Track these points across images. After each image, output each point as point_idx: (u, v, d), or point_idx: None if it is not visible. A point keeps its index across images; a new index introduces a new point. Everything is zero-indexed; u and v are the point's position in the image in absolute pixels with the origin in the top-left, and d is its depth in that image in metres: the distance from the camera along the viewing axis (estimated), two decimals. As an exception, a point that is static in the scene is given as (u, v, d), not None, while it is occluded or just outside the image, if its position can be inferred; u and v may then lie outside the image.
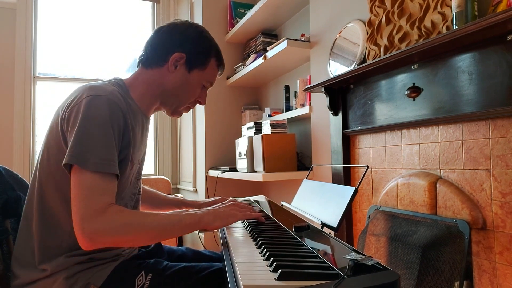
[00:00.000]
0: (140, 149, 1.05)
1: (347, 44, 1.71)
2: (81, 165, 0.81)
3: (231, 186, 2.83)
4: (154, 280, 0.93)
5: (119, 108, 0.90)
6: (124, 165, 0.93)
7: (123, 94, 0.97)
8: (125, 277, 0.93)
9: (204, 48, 1.06)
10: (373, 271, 0.60)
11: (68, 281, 0.88)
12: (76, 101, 0.88)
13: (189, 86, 1.06)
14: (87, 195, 0.80)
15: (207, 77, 1.08)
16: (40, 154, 0.95)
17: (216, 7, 2.92)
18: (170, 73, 1.03)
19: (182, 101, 1.09)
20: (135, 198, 1.07)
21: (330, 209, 1.08)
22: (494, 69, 1.06)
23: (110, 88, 0.92)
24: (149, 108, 1.07)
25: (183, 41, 1.03)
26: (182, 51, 1.02)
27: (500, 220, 1.07)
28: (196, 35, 1.05)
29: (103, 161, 0.83)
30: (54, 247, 0.90)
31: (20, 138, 3.08)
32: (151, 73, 1.04)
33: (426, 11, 1.30)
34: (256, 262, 0.69)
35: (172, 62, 1.02)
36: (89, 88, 0.90)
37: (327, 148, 1.88)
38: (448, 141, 1.24)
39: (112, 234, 0.79)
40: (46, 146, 0.93)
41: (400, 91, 1.40)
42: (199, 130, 2.96)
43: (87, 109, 0.85)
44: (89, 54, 3.46)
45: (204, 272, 0.96)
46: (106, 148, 0.84)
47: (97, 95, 0.87)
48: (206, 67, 1.07)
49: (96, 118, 0.85)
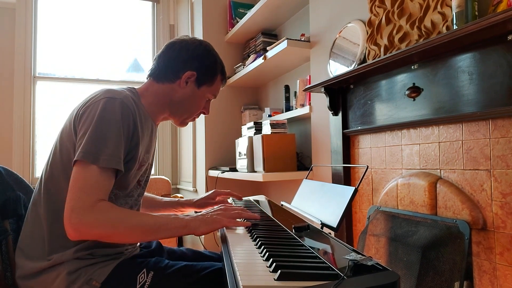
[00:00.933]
0: (149, 152, 1.11)
1: (347, 44, 1.71)
2: (92, 161, 0.87)
3: (231, 186, 2.83)
4: (155, 277, 0.95)
5: (130, 111, 0.97)
6: (132, 163, 0.99)
7: (136, 100, 1.05)
8: (127, 275, 0.95)
9: (212, 66, 1.14)
10: (373, 272, 0.60)
11: (71, 276, 0.90)
12: (92, 101, 0.95)
13: (196, 100, 1.15)
14: (81, 187, 0.85)
15: (213, 91, 1.17)
16: (52, 149, 1.00)
17: (216, 7, 2.92)
18: (181, 88, 1.12)
19: (190, 113, 1.17)
20: (141, 199, 1.13)
21: (330, 209, 1.08)
22: (494, 69, 1.06)
23: (124, 93, 1.00)
24: (158, 116, 1.14)
25: (194, 59, 1.11)
26: (194, 69, 1.11)
27: (501, 221, 1.07)
28: (205, 53, 1.13)
29: (111, 157, 0.90)
30: (62, 237, 0.91)
31: (20, 138, 3.08)
32: (162, 87, 1.11)
33: (426, 11, 1.30)
34: (255, 263, 0.69)
35: (184, 79, 1.10)
36: (106, 91, 0.98)
37: (327, 148, 1.87)
38: (448, 141, 1.24)
39: (97, 227, 0.84)
40: (60, 141, 0.98)
41: (400, 91, 1.40)
42: (199, 130, 2.96)
43: (103, 110, 0.92)
44: (89, 54, 3.46)
45: (205, 271, 0.98)
46: (115, 145, 0.91)
47: (112, 98, 0.95)
48: (214, 83, 1.16)
49: (109, 119, 0.92)
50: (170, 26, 3.69)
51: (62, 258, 0.91)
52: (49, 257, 0.92)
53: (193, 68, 1.10)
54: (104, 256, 0.96)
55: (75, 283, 0.90)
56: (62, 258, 0.91)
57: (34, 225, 0.96)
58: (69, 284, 0.89)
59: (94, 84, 3.43)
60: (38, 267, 0.92)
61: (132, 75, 3.66)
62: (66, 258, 0.91)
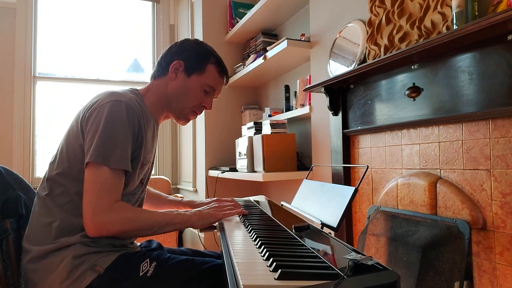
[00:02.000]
0: (151, 151, 1.15)
1: (347, 44, 1.71)
2: (104, 163, 0.93)
3: (231, 186, 2.83)
4: (158, 268, 0.97)
5: (135, 112, 1.02)
6: (135, 163, 1.04)
7: (139, 102, 1.09)
8: (130, 262, 0.98)
9: (200, 54, 1.16)
10: (373, 271, 0.60)
11: (76, 260, 0.93)
12: (97, 104, 0.99)
13: (189, 90, 1.15)
14: (100, 189, 0.93)
15: (206, 82, 1.16)
16: (59, 149, 1.04)
17: (216, 7, 2.92)
18: (172, 80, 1.15)
19: (184, 105, 1.17)
20: (142, 196, 1.18)
21: (330, 209, 1.08)
22: (494, 69, 1.06)
23: (128, 95, 1.04)
24: (159, 115, 1.18)
25: (181, 50, 1.16)
26: (180, 59, 1.14)
27: (500, 220, 1.07)
28: (192, 43, 1.18)
29: (121, 158, 0.96)
30: (70, 226, 0.97)
31: (20, 138, 3.07)
32: (157, 83, 1.16)
33: (426, 11, 1.30)
34: (256, 262, 0.69)
35: (172, 69, 1.14)
36: (111, 94, 1.02)
37: (327, 148, 1.87)
38: (448, 141, 1.24)
39: (117, 225, 0.93)
40: (66, 141, 1.02)
41: (400, 91, 1.40)
42: (199, 130, 2.96)
43: (109, 113, 0.97)
44: (89, 54, 3.46)
45: (206, 265, 1.00)
46: (123, 147, 0.97)
47: (117, 100, 0.99)
48: (204, 71, 1.15)
49: (117, 121, 0.97)
50: (170, 26, 3.69)
51: (69, 242, 0.95)
52: (56, 241, 0.95)
53: (180, 58, 1.14)
54: (107, 246, 1.00)
55: (80, 267, 0.93)
56: (69, 241, 0.95)
57: (41, 215, 0.99)
58: (73, 268, 0.92)
59: (94, 84, 3.43)
60: (44, 250, 0.95)
61: (132, 75, 3.66)
62: (73, 241, 0.95)
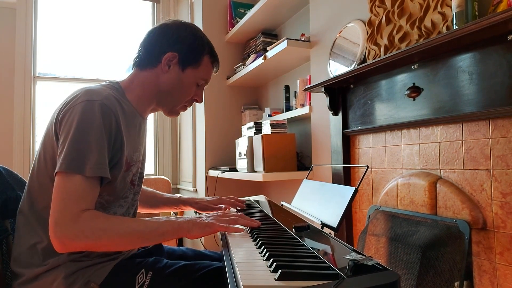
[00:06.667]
0: (138, 149, 1.06)
1: (347, 44, 1.71)
2: (77, 171, 0.83)
3: (231, 186, 2.83)
4: (154, 278, 0.94)
5: (112, 112, 0.91)
6: (117, 168, 0.95)
7: (119, 98, 0.99)
8: (125, 275, 0.93)
9: (196, 46, 1.06)
10: (373, 272, 0.60)
11: (68, 279, 0.88)
12: (70, 104, 0.90)
13: (184, 85, 1.07)
14: (63, 199, 0.81)
15: (201, 75, 1.09)
16: (36, 157, 0.96)
17: (216, 7, 2.92)
18: (164, 73, 1.04)
19: (178, 100, 1.09)
20: (136, 199, 1.09)
21: (330, 209, 1.08)
22: (494, 69, 1.06)
23: (105, 92, 0.94)
24: (146, 109, 1.08)
25: (175, 40, 1.04)
26: (175, 51, 1.03)
27: (501, 221, 1.07)
28: (188, 34, 1.06)
29: (97, 165, 0.85)
30: None
31: (20, 138, 3.07)
32: (145, 74, 1.05)
33: (426, 11, 1.30)
34: (256, 262, 0.69)
35: (165, 62, 1.03)
36: (85, 93, 0.92)
37: (327, 148, 1.87)
38: (449, 141, 1.24)
39: (82, 239, 0.80)
40: (43, 147, 0.94)
41: (400, 91, 1.40)
42: (199, 130, 2.96)
43: (81, 114, 0.87)
44: (89, 54, 3.46)
45: (204, 270, 0.97)
46: (99, 152, 0.87)
47: (90, 100, 0.89)
48: (200, 65, 1.07)
49: (89, 124, 0.87)
50: (170, 26, 3.68)
51: (58, 262, 0.89)
52: (45, 262, 0.90)
53: (174, 49, 1.03)
54: (100, 257, 0.94)
55: (73, 285, 0.88)
56: (58, 261, 0.89)
57: (26, 234, 0.93)
58: (67, 287, 0.88)
59: (94, 84, 3.42)
60: (35, 272, 0.90)
61: (132, 75, 3.66)
62: (62, 261, 0.90)
